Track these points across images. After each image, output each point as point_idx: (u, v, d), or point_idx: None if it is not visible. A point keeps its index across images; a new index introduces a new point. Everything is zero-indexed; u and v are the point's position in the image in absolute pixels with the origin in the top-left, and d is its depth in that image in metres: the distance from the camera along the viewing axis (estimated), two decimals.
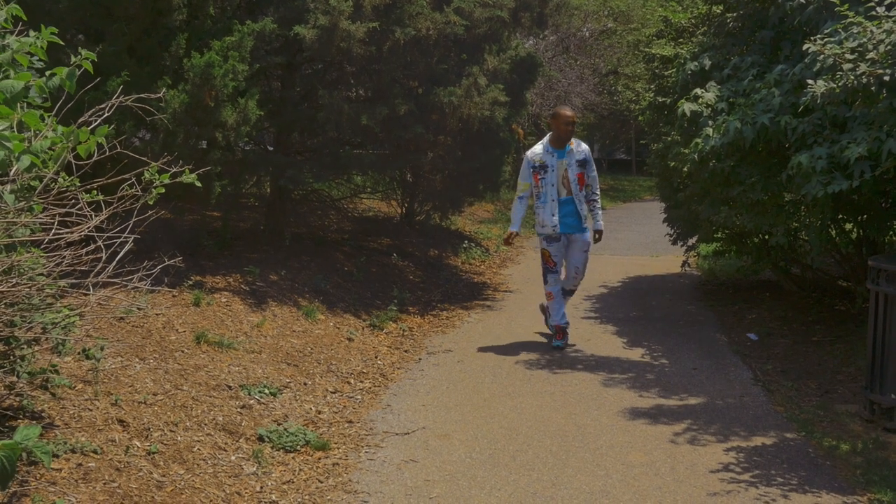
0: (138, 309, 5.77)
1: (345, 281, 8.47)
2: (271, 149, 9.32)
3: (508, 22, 8.88)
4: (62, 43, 3.51)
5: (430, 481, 4.36)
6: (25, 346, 3.57)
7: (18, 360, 3.87)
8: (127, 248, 3.11)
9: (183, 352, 5.50)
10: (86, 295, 3.18)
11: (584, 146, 7.10)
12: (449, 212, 10.86)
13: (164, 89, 3.58)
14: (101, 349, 4.83)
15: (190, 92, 6.40)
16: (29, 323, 3.34)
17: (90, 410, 4.31)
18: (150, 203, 3.05)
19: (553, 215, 6.91)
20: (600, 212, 7.17)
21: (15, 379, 3.90)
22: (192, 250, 7.70)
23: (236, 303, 6.72)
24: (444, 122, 8.47)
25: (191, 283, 6.71)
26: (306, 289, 7.71)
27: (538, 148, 7.03)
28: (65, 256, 2.98)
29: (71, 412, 4.24)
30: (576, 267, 7.11)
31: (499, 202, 16.15)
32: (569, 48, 20.04)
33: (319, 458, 4.63)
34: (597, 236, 7.26)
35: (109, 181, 3.13)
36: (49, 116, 3.23)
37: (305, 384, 5.75)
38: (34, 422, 4.02)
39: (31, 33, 2.97)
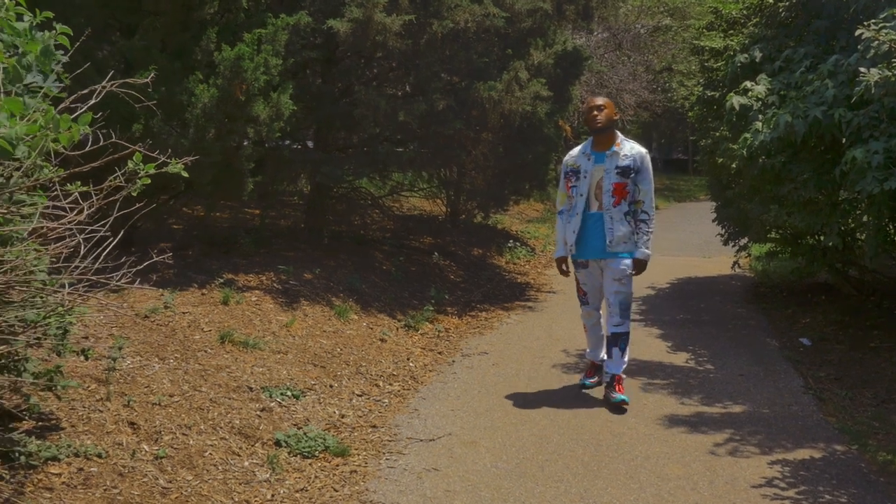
0: (164, 306, 5.65)
1: (382, 280, 8.28)
2: (310, 146, 9.19)
3: (552, 14, 8.60)
4: (68, 30, 3.34)
5: (451, 492, 4.12)
6: (24, 348, 3.41)
7: (22, 360, 3.74)
8: (117, 240, 2.93)
9: (206, 352, 5.35)
10: (66, 291, 3.01)
11: (639, 149, 5.49)
12: (492, 210, 10.61)
13: (150, 75, 3.37)
14: (119, 348, 4.70)
15: (220, 86, 6.26)
16: (25, 322, 3.19)
17: (100, 412, 4.17)
18: (135, 194, 2.86)
19: (574, 232, 5.51)
20: (648, 236, 5.47)
21: (19, 379, 3.76)
22: (226, 248, 7.59)
23: (266, 302, 6.56)
24: (484, 117, 8.23)
25: (221, 281, 6.58)
26: (341, 288, 7.54)
27: (576, 150, 5.73)
28: (55, 249, 2.81)
29: (80, 413, 4.10)
30: (608, 298, 5.53)
31: (548, 201, 15.85)
32: (621, 44, 19.58)
33: (337, 465, 4.42)
34: (634, 268, 5.49)
35: (100, 171, 2.95)
36: (44, 103, 3.07)
37: (331, 386, 5.56)
38: (39, 423, 3.88)
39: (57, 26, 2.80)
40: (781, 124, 5.75)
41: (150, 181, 2.80)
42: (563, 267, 5.66)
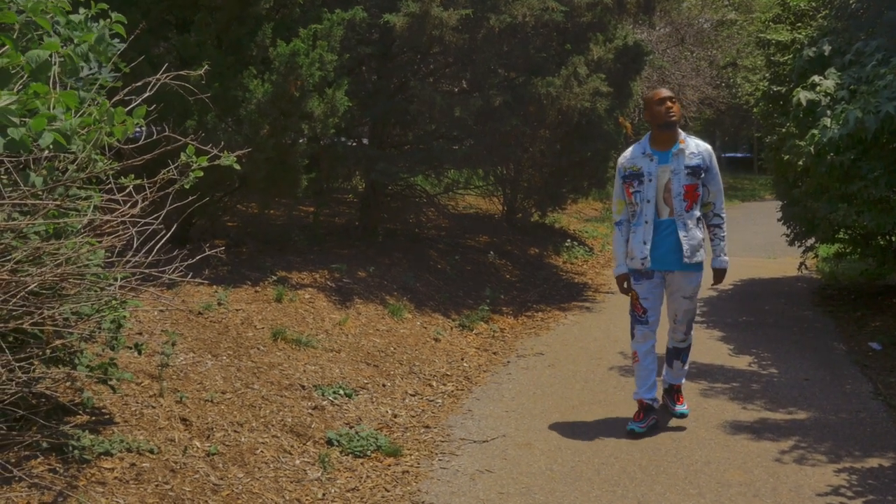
0: (218, 303, 5.65)
1: (436, 279, 8.20)
2: (366, 143, 9.16)
3: (612, 7, 8.42)
4: (126, 20, 3.30)
5: (504, 494, 4.02)
6: (80, 341, 3.40)
7: (77, 354, 3.74)
8: (170, 233, 2.89)
9: (258, 349, 5.33)
10: (119, 285, 2.98)
11: (704, 146, 4.86)
12: (549, 208, 10.47)
13: (204, 68, 3.33)
14: (173, 344, 4.70)
15: (275, 82, 6.25)
16: (76, 312, 3.18)
17: (153, 408, 4.16)
18: (187, 187, 2.82)
19: (644, 243, 4.81)
20: (724, 242, 4.94)
21: (73, 372, 3.77)
22: (280, 245, 7.59)
23: (320, 299, 6.53)
24: (542, 114, 8.10)
25: (275, 278, 6.57)
26: (395, 286, 7.48)
27: (631, 150, 4.94)
28: (115, 245, 2.78)
29: (133, 409, 4.09)
30: (675, 315, 4.99)
31: (607, 200, 15.61)
32: (684, 39, 19.21)
33: (389, 465, 4.34)
34: (715, 278, 5.02)
35: (154, 164, 2.92)
36: (99, 95, 3.06)
37: (384, 386, 5.49)
38: (92, 417, 3.88)
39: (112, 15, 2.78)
40: (851, 120, 5.53)
41: (202, 174, 2.75)
42: (626, 284, 4.94)
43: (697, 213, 4.81)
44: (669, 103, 4.73)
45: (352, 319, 6.37)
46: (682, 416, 5.10)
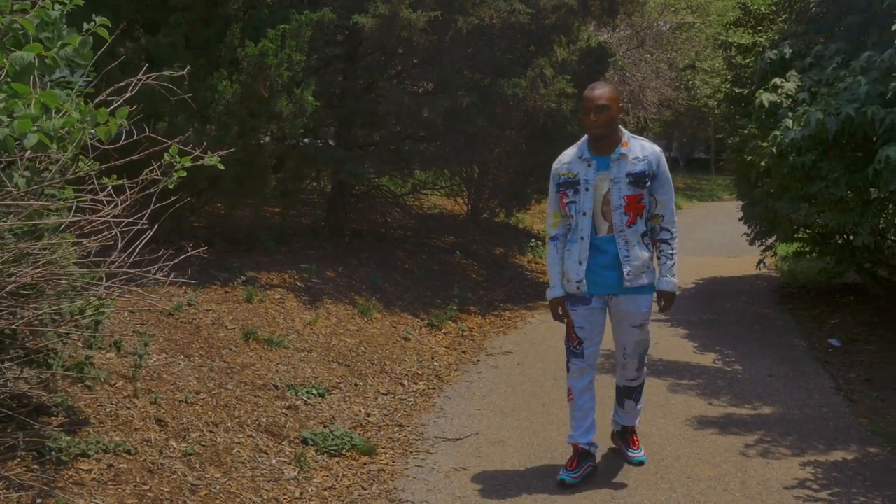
0: (188, 304, 5.63)
1: (404, 279, 8.24)
2: (333, 144, 9.16)
3: (577, 10, 8.51)
4: (108, 21, 3.29)
5: (480, 491, 4.08)
6: (53, 336, 3.39)
7: (52, 353, 3.73)
8: (150, 234, 2.90)
9: (231, 349, 5.32)
10: (100, 285, 2.98)
11: (651, 149, 4.09)
12: (514, 209, 10.55)
13: (187, 68, 3.35)
14: (146, 345, 4.69)
15: (244, 82, 6.24)
16: (58, 313, 3.17)
17: (128, 409, 4.14)
18: (171, 187, 2.83)
19: (580, 263, 4.09)
20: (673, 261, 4.18)
21: (48, 373, 3.75)
22: (248, 246, 7.57)
23: (290, 300, 6.53)
24: (508, 115, 8.19)
25: (244, 278, 6.56)
26: (364, 286, 7.50)
27: (569, 152, 4.17)
28: (87, 242, 2.79)
29: (108, 410, 4.08)
30: (623, 348, 4.26)
31: None
32: (644, 41, 19.47)
33: (364, 464, 4.38)
34: (662, 302, 4.25)
35: (135, 165, 2.93)
36: (78, 96, 3.05)
37: (356, 385, 5.52)
38: (67, 419, 3.86)
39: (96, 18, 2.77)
40: (812, 122, 5.67)
41: (185, 174, 2.77)
42: (560, 310, 4.23)
43: (643, 227, 4.09)
44: (594, 116, 3.90)
45: (322, 319, 6.38)
46: (640, 463, 4.42)
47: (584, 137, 4.14)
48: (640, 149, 4.06)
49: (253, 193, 6.97)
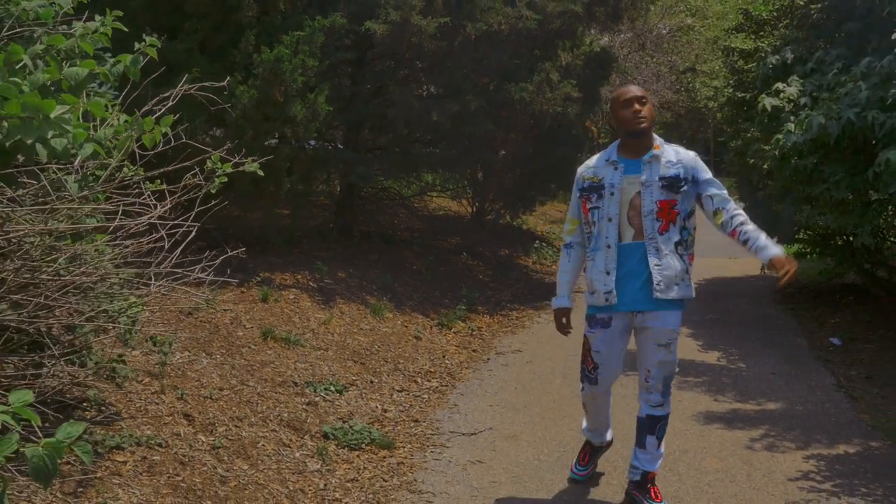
0: (206, 303, 5.79)
1: (413, 279, 8.40)
2: (341, 147, 9.32)
3: (583, 16, 8.69)
4: (125, 29, 3.46)
5: (497, 482, 4.23)
6: (91, 335, 3.55)
7: (85, 350, 3.88)
8: (191, 236, 3.06)
9: (250, 348, 5.48)
10: (147, 285, 3.14)
11: (687, 154, 3.82)
12: (519, 210, 10.72)
13: (227, 79, 3.52)
14: (170, 344, 4.85)
15: (259, 87, 6.41)
16: (94, 311, 3.33)
17: (156, 404, 4.30)
18: (213, 192, 3.01)
19: (608, 273, 3.75)
20: (763, 234, 3.74)
21: (81, 369, 3.91)
22: (260, 247, 7.73)
23: (304, 300, 6.69)
24: (514, 118, 8.35)
25: (259, 279, 6.71)
26: (374, 287, 7.66)
27: (595, 159, 3.93)
28: (128, 245, 2.94)
29: (137, 405, 4.23)
30: (647, 371, 3.86)
31: None
32: (645, 45, 19.66)
33: (384, 457, 4.54)
34: (779, 272, 3.60)
35: (173, 170, 3.09)
36: (114, 106, 3.21)
37: (372, 382, 5.68)
38: (99, 413, 4.02)
39: (97, 18, 2.94)
40: (814, 126, 5.82)
41: (226, 179, 2.93)
42: (564, 320, 4.00)
43: (676, 236, 3.73)
44: (638, 105, 3.68)
45: (336, 319, 6.54)
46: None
47: (613, 144, 3.91)
48: (675, 153, 3.79)
49: (268, 196, 7.12)
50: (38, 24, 2.86)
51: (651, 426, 3.92)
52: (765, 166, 6.74)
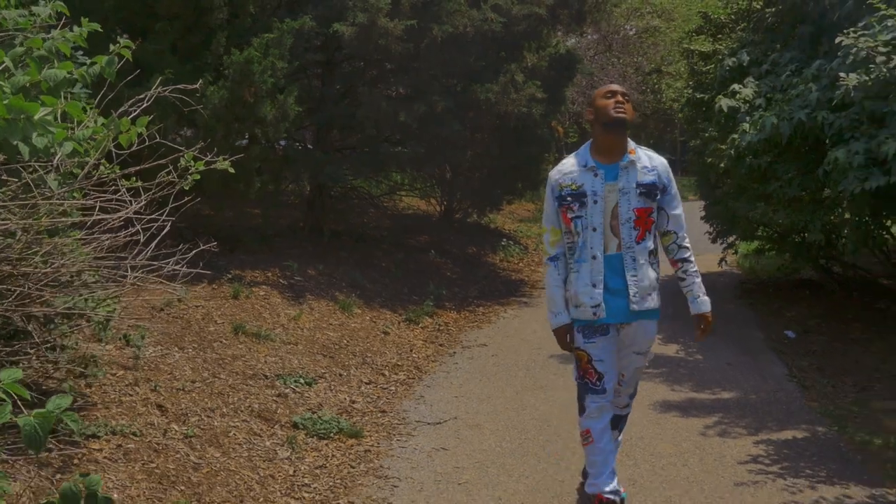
0: (179, 300, 5.92)
1: (382, 277, 8.57)
2: (311, 147, 9.46)
3: (547, 19, 8.90)
4: (101, 30, 3.59)
5: (460, 468, 4.41)
6: (66, 329, 3.68)
7: (59, 347, 4.01)
8: (165, 231, 3.21)
9: (221, 342, 5.63)
10: (123, 277, 3.29)
11: (659, 160, 3.69)
12: (487, 209, 10.92)
13: (199, 81, 3.67)
14: (143, 337, 4.99)
15: (229, 88, 6.54)
16: (73, 301, 3.47)
17: (130, 395, 4.44)
18: (186, 189, 3.16)
19: (594, 286, 3.60)
20: (699, 279, 3.81)
21: (54, 365, 4.03)
22: (232, 246, 7.85)
23: (274, 296, 6.84)
24: (481, 119, 8.54)
25: (230, 276, 6.85)
26: (344, 284, 7.82)
27: (570, 161, 3.69)
28: (106, 239, 3.09)
29: (112, 396, 4.37)
30: (622, 374, 3.82)
31: (539, 201, 16.15)
32: (611, 46, 19.95)
33: (352, 445, 4.70)
34: (702, 325, 3.82)
35: (148, 168, 3.24)
36: (91, 107, 3.35)
37: (340, 375, 5.84)
38: (75, 403, 4.15)
39: (75, 28, 3.08)
40: (768, 126, 6.06)
41: (199, 177, 3.09)
42: (568, 338, 3.80)
43: (651, 244, 3.61)
44: (620, 97, 3.55)
45: (305, 314, 6.69)
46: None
47: (584, 146, 3.71)
48: (648, 158, 3.65)
49: (238, 195, 7.25)
50: (18, 30, 3.00)
51: (615, 424, 3.94)
52: (721, 165, 6.98)
